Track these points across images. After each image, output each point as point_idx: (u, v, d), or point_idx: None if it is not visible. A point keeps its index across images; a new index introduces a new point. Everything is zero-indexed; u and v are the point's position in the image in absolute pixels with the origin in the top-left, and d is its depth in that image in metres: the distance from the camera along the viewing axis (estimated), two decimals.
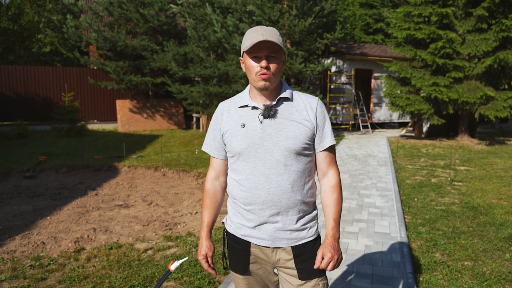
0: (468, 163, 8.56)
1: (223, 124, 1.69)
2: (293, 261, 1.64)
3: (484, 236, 4.16)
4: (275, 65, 1.57)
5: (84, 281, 3.19)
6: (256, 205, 1.61)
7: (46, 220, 5.10)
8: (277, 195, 1.58)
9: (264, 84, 1.56)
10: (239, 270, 1.72)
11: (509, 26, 10.57)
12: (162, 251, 3.85)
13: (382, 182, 6.63)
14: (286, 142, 1.58)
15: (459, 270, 3.35)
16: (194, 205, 5.87)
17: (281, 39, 1.59)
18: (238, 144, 1.62)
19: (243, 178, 1.63)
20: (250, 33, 1.57)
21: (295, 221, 1.62)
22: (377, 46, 17.33)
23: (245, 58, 1.61)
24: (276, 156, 1.58)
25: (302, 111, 1.64)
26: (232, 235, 1.72)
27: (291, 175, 1.59)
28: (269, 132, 1.59)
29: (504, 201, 5.53)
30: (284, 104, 1.64)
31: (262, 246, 1.65)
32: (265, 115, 1.60)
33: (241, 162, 1.64)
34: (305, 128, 1.61)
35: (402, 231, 4.19)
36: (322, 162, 1.67)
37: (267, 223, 1.62)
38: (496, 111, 10.75)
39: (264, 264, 1.71)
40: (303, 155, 1.62)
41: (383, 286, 3.03)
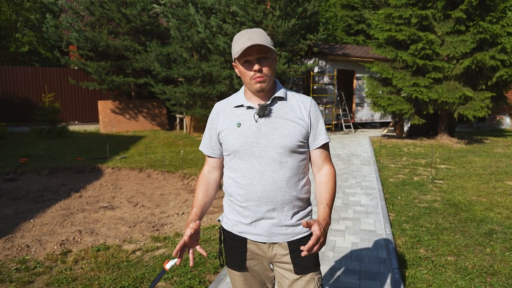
0: (448, 162, 8.79)
1: (219, 124, 1.72)
2: (289, 256, 1.67)
3: (465, 231, 4.29)
4: (267, 65, 1.60)
5: (73, 283, 3.15)
6: (252, 202, 1.64)
7: (29, 223, 5.01)
8: (272, 191, 1.62)
9: (260, 86, 1.60)
10: (235, 266, 1.75)
11: (486, 28, 10.89)
12: (150, 252, 3.83)
13: (366, 181, 6.75)
14: (281, 140, 1.62)
15: (443, 265, 3.45)
16: (180, 206, 5.85)
17: (269, 38, 1.61)
18: (235, 142, 1.65)
19: (239, 175, 1.66)
20: (237, 39, 1.60)
21: (290, 216, 1.65)
22: (359, 47, 17.58)
23: (237, 63, 1.64)
24: (272, 153, 1.62)
25: (296, 110, 1.67)
26: (229, 232, 1.75)
27: (286, 172, 1.62)
28: (265, 131, 1.63)
29: (484, 198, 5.71)
30: (278, 103, 1.68)
31: (259, 242, 1.68)
32: (260, 114, 1.64)
33: (237, 160, 1.67)
34: (299, 127, 1.65)
35: (387, 228, 4.28)
36: (318, 159, 1.72)
37: (263, 219, 1.65)
38: (474, 110, 11.05)
39: (261, 260, 1.73)
40: (298, 153, 1.65)
41: (371, 281, 3.10)
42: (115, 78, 13.70)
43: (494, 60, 10.89)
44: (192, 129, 14.06)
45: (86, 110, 15.93)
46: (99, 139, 12.61)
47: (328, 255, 3.60)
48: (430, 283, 3.13)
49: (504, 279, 3.20)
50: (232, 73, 11.44)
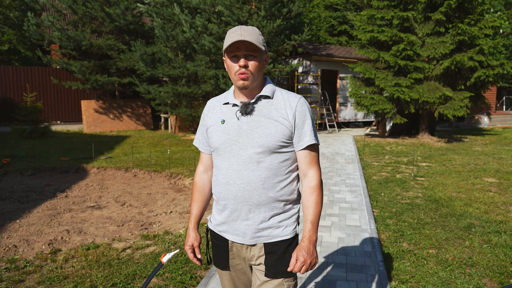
0: (429, 160, 9.04)
1: (208, 120, 1.73)
2: (263, 258, 1.63)
3: (446, 226, 4.47)
4: (254, 63, 1.56)
5: (65, 281, 3.18)
6: (228, 201, 1.62)
7: (15, 224, 4.97)
8: (247, 191, 1.58)
9: (243, 83, 1.57)
10: (220, 265, 1.75)
11: (464, 30, 11.22)
12: (141, 250, 3.87)
13: (351, 178, 6.91)
14: (260, 139, 1.58)
15: (425, 258, 3.60)
16: (168, 205, 5.89)
17: (261, 38, 1.59)
18: (217, 139, 1.64)
19: (219, 172, 1.66)
20: (230, 33, 1.57)
21: (268, 218, 1.61)
22: (342, 48, 17.83)
23: (226, 57, 1.62)
24: (249, 152, 1.58)
25: (281, 109, 1.62)
26: (212, 231, 1.76)
27: (263, 172, 1.58)
28: (245, 129, 1.60)
29: (463, 194, 5.92)
30: (263, 101, 1.64)
31: (236, 242, 1.67)
32: (242, 112, 1.61)
33: (218, 157, 1.67)
34: (282, 126, 1.59)
35: (372, 223, 4.42)
36: (302, 162, 1.65)
37: (240, 219, 1.63)
38: (454, 110, 11.37)
39: (243, 260, 1.72)
40: (279, 153, 1.60)
41: (357, 274, 3.22)
42: (99, 78, 13.57)
43: (473, 61, 11.23)
44: (177, 129, 14.04)
45: (68, 110, 15.71)
46: (83, 139, 12.48)
47: None
48: (413, 274, 3.27)
49: (482, 270, 3.37)
50: (218, 72, 11.48)
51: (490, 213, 4.97)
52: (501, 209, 5.13)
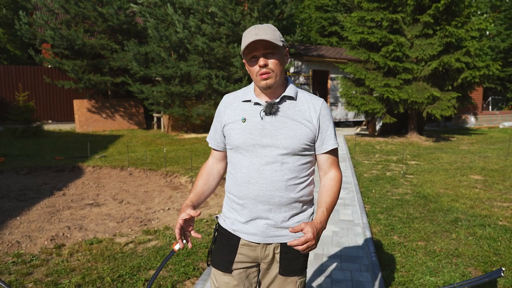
0: (417, 158, 9.30)
1: (225, 117, 1.68)
2: (279, 256, 1.64)
3: (434, 220, 4.69)
4: (274, 61, 1.53)
5: (72, 273, 3.31)
6: (248, 200, 1.60)
7: (16, 221, 5.06)
8: (269, 191, 1.57)
9: (266, 83, 1.54)
10: (221, 266, 1.68)
11: (451, 32, 11.53)
12: (143, 244, 4.01)
13: (343, 176, 7.11)
14: (285, 141, 1.57)
15: (414, 249, 3.81)
16: (165, 202, 6.02)
17: (277, 34, 1.55)
18: (238, 137, 1.61)
19: (238, 171, 1.63)
20: (245, 34, 1.55)
21: (288, 218, 1.61)
22: (333, 48, 18.09)
23: (246, 60, 1.60)
24: (274, 153, 1.57)
25: (305, 111, 1.61)
26: (224, 229, 1.71)
27: (286, 173, 1.57)
28: (269, 129, 1.58)
29: (450, 191, 6.16)
30: (287, 102, 1.62)
31: (252, 242, 1.63)
32: (267, 112, 1.59)
33: (238, 156, 1.64)
34: (306, 129, 1.59)
35: (364, 218, 4.63)
36: (324, 164, 1.66)
37: (259, 218, 1.61)
38: (442, 110, 11.68)
39: (251, 263, 1.69)
40: (301, 155, 1.60)
41: (351, 264, 3.41)
42: (92, 77, 13.60)
43: (459, 62, 11.55)
44: (170, 128, 14.13)
45: (60, 109, 15.69)
46: (76, 139, 12.51)
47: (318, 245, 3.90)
48: (403, 264, 3.47)
49: (467, 260, 3.58)
50: (211, 72, 11.62)
51: (475, 208, 5.21)
52: (486, 204, 5.38)
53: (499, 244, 3.92)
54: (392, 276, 3.23)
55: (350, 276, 3.19)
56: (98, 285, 3.09)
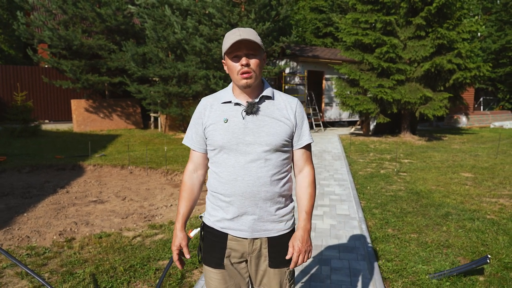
0: (410, 157, 9.57)
1: (205, 118, 1.73)
2: (267, 250, 1.71)
3: (426, 214, 4.93)
4: (255, 61, 1.63)
5: (85, 264, 3.49)
6: (235, 197, 1.66)
7: (23, 217, 5.22)
8: (256, 187, 1.64)
9: (246, 82, 1.62)
10: (212, 263, 1.74)
11: (443, 34, 11.83)
12: (150, 237, 4.20)
13: (338, 173, 7.35)
14: (267, 138, 1.65)
15: (407, 241, 4.04)
16: (167, 199, 6.20)
17: (259, 38, 1.65)
18: (221, 137, 1.67)
19: (224, 170, 1.68)
20: (228, 35, 1.63)
21: (273, 212, 1.69)
22: (328, 49, 18.35)
23: (226, 59, 1.66)
24: (257, 150, 1.65)
25: (283, 109, 1.71)
26: (210, 228, 1.75)
27: (270, 169, 1.66)
28: (251, 128, 1.66)
29: (441, 187, 6.42)
30: (266, 102, 1.71)
31: (241, 237, 1.70)
32: (248, 112, 1.66)
33: (222, 155, 1.69)
34: (285, 126, 1.69)
35: (360, 212, 4.85)
36: (299, 159, 1.76)
37: (246, 214, 1.67)
38: (434, 110, 11.98)
39: (240, 258, 1.76)
40: (282, 151, 1.69)
41: (349, 253, 3.63)
42: (90, 77, 13.72)
43: (451, 63, 11.85)
44: (167, 128, 14.29)
45: (58, 109, 15.77)
46: (74, 138, 12.63)
47: (311, 235, 4.11)
48: (397, 254, 3.70)
49: (457, 250, 3.82)
50: (208, 73, 11.80)
51: (465, 203, 5.46)
52: (475, 200, 5.63)
53: (487, 236, 4.17)
54: (387, 265, 3.46)
55: (348, 264, 3.41)
56: (111, 275, 3.27)
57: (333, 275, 3.23)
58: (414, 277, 3.24)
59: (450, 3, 11.95)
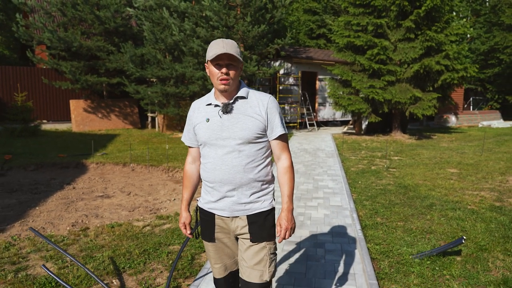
0: (400, 154, 10.01)
1: (193, 119, 2.07)
2: (247, 227, 1.99)
3: (412, 205, 5.34)
4: (233, 71, 1.91)
5: (102, 249, 3.84)
6: (216, 183, 1.98)
7: (36, 210, 5.54)
8: (231, 174, 1.94)
9: (224, 87, 1.91)
10: (207, 237, 2.10)
11: (432, 36, 12.29)
12: (159, 227, 4.56)
13: (331, 170, 7.75)
14: (240, 132, 1.92)
15: (394, 228, 4.44)
16: (170, 194, 6.55)
17: (239, 50, 1.93)
18: (203, 134, 1.99)
19: (207, 161, 2.00)
20: (213, 45, 1.90)
21: (248, 195, 1.98)
22: (321, 51, 18.78)
23: (209, 65, 1.93)
24: (232, 143, 1.93)
25: (255, 107, 1.97)
26: (202, 209, 2.11)
27: (244, 159, 1.94)
28: (227, 125, 1.94)
29: (428, 182, 6.84)
30: (240, 101, 1.98)
31: (223, 216, 2.02)
32: (223, 111, 1.96)
33: (206, 149, 2.02)
34: (257, 121, 1.94)
35: (351, 203, 5.25)
36: (275, 148, 2.03)
37: (226, 197, 1.98)
38: (423, 109, 12.44)
39: (227, 234, 2.08)
40: (255, 143, 1.96)
41: (341, 238, 4.02)
42: (89, 78, 14.00)
43: (439, 65, 12.32)
44: (165, 127, 14.62)
45: (56, 109, 16.02)
46: (74, 138, 12.90)
47: (306, 223, 4.50)
48: (385, 239, 4.09)
49: (438, 235, 4.23)
50: (205, 74, 12.16)
51: (449, 195, 5.88)
52: (459, 193, 6.06)
53: (466, 223, 4.58)
54: (375, 248, 3.85)
55: (340, 247, 3.80)
56: (128, 257, 3.63)
57: (327, 256, 3.62)
58: (399, 258, 3.64)
59: (439, 7, 12.42)
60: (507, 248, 3.84)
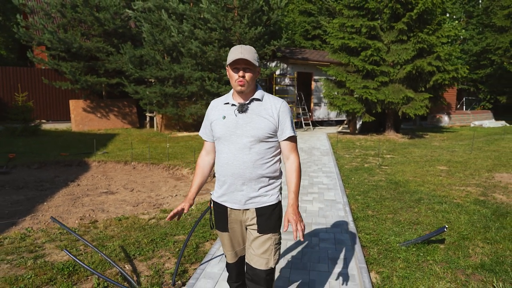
0: (393, 152, 10.35)
1: (211, 116, 2.25)
2: (255, 219, 2.15)
3: (401, 199, 5.66)
4: (250, 74, 2.09)
5: (112, 239, 4.12)
6: (228, 177, 2.14)
7: (44, 206, 5.81)
8: (242, 169, 2.10)
9: (240, 88, 2.09)
10: (220, 228, 2.27)
11: (424, 38, 12.65)
12: (163, 219, 4.84)
13: (326, 167, 8.07)
14: (253, 131, 2.09)
15: (384, 219, 4.76)
16: (172, 190, 6.84)
17: (256, 56, 2.10)
18: (219, 130, 2.16)
19: (221, 156, 2.17)
20: (232, 51, 2.08)
21: (257, 189, 2.14)
22: (316, 52, 19.11)
23: (228, 69, 2.13)
24: (244, 141, 2.09)
25: (269, 109, 2.14)
26: (215, 202, 2.28)
27: (254, 156, 2.10)
28: (241, 123, 2.11)
29: (418, 178, 7.17)
30: (255, 103, 2.16)
31: (234, 208, 2.19)
32: (239, 110, 2.13)
33: (220, 144, 2.18)
34: (269, 122, 2.11)
35: (344, 198, 5.56)
36: (285, 149, 2.18)
37: (236, 191, 2.14)
38: (415, 109, 12.80)
39: (238, 224, 2.25)
40: (265, 142, 2.12)
41: (334, 228, 4.33)
42: (88, 78, 14.24)
43: (431, 66, 12.68)
44: (163, 127, 14.88)
45: (55, 109, 16.24)
46: (74, 137, 13.13)
47: (302, 215, 4.81)
48: (375, 229, 4.41)
49: (425, 226, 4.55)
50: (204, 74, 12.44)
51: (437, 190, 6.21)
52: (446, 188, 6.39)
53: (451, 215, 4.91)
54: (366, 237, 4.17)
55: (333, 236, 4.11)
56: (137, 246, 3.92)
57: (321, 244, 3.93)
58: (387, 245, 3.95)
59: (430, 10, 12.78)
60: (487, 237, 4.16)
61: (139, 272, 3.38)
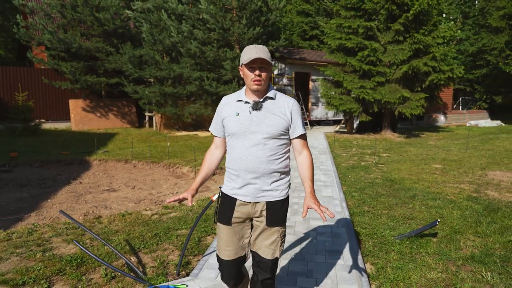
0: (389, 151, 10.53)
1: (224, 112, 2.29)
2: (265, 212, 2.23)
3: (396, 196, 5.83)
4: (265, 73, 2.16)
5: (117, 234, 4.27)
6: (241, 171, 2.21)
7: (48, 202, 5.94)
8: (256, 164, 2.17)
9: (257, 87, 2.16)
10: (224, 220, 2.29)
11: (419, 39, 12.84)
12: (166, 215, 4.99)
13: (324, 165, 8.23)
14: (267, 128, 2.16)
15: (379, 215, 4.92)
16: (172, 187, 6.98)
17: (269, 55, 2.16)
18: (233, 126, 2.21)
19: (234, 151, 2.24)
20: (247, 50, 2.14)
21: (269, 183, 2.22)
22: (314, 52, 19.29)
23: (243, 68, 2.18)
24: (258, 137, 2.16)
25: (282, 107, 2.22)
26: (225, 194, 2.33)
27: (267, 151, 2.17)
28: (255, 120, 2.17)
29: (413, 176, 7.34)
30: (268, 101, 2.23)
31: (246, 201, 2.24)
32: (254, 108, 2.19)
33: (233, 140, 2.24)
34: (282, 120, 2.19)
35: (341, 194, 5.73)
36: (297, 145, 2.28)
37: (249, 184, 2.21)
38: (411, 109, 12.98)
39: (243, 218, 2.29)
40: (278, 139, 2.20)
41: (331, 223, 4.49)
42: (88, 78, 14.36)
43: (427, 66, 12.87)
44: (162, 127, 15.01)
45: (55, 108, 16.35)
46: (74, 136, 13.25)
47: (300, 210, 4.97)
48: (371, 224, 4.57)
49: (418, 221, 4.71)
50: (202, 74, 12.59)
51: (431, 187, 6.38)
52: (440, 185, 6.57)
53: (444, 211, 5.08)
54: (361, 231, 4.33)
55: (330, 230, 4.27)
56: (141, 239, 4.07)
57: (318, 237, 4.08)
58: (382, 239, 4.11)
59: (426, 11, 12.97)
60: (478, 231, 4.33)
61: (145, 264, 3.53)
